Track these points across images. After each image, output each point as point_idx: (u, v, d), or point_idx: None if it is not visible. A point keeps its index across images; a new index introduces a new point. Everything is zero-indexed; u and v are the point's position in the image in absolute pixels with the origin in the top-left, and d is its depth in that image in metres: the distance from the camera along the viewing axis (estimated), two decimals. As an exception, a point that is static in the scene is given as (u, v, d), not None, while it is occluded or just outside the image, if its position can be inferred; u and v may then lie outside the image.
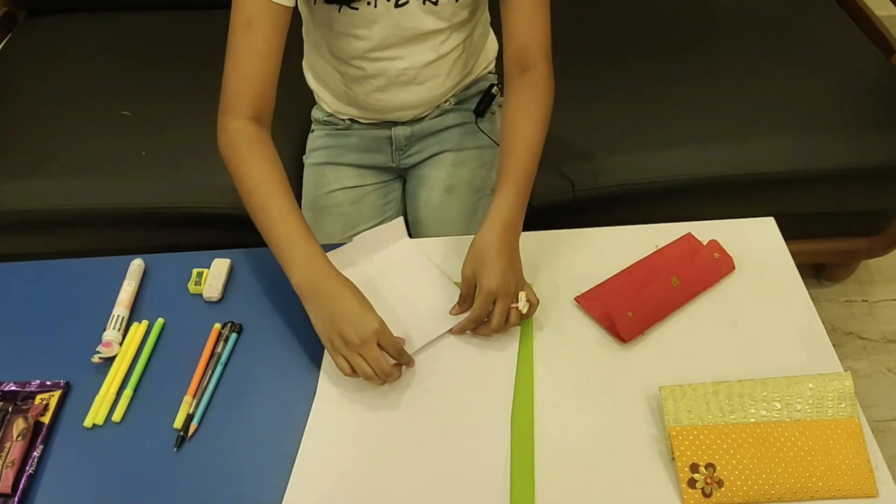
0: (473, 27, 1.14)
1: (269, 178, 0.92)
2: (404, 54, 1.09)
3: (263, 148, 0.94)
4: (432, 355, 0.90)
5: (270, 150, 0.95)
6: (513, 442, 0.81)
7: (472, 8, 1.09)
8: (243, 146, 0.94)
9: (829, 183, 1.46)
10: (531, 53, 1.00)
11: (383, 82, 1.13)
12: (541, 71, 1.00)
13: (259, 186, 0.91)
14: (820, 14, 1.74)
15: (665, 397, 0.81)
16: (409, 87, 1.14)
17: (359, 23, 1.04)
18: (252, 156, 0.93)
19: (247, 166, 0.93)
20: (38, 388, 0.87)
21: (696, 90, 1.53)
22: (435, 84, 1.16)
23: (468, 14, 1.09)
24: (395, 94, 1.15)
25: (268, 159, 0.93)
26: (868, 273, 1.88)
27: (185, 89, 1.56)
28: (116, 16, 1.79)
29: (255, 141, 0.94)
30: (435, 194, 1.22)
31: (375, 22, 1.03)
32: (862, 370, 1.68)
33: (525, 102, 0.99)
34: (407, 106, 1.19)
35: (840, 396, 0.80)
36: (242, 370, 0.90)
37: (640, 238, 1.02)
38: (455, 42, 1.12)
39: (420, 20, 1.05)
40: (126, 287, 0.97)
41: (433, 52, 1.10)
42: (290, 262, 0.89)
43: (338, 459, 0.81)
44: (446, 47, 1.11)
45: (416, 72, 1.12)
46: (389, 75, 1.11)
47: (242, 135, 0.94)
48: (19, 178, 1.41)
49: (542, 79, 1.00)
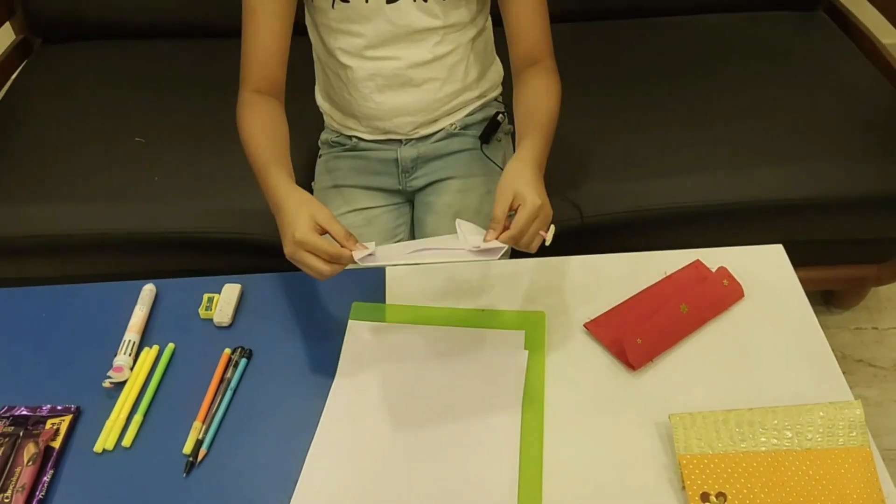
0: (474, 35, 1.18)
1: (255, 133, 1.00)
2: (400, 53, 1.13)
3: (260, 109, 1.04)
4: (440, 378, 0.90)
5: (268, 111, 1.04)
6: (521, 469, 0.81)
7: (467, 10, 1.13)
8: (243, 109, 1.04)
9: (837, 210, 1.46)
10: (538, 49, 1.10)
11: (380, 82, 1.16)
12: (549, 63, 1.10)
13: (248, 141, 1.00)
14: (826, 42, 1.75)
15: (675, 425, 0.81)
16: (405, 88, 1.17)
17: (352, 18, 1.09)
18: (248, 118, 1.03)
19: (242, 124, 1.03)
20: (49, 413, 0.88)
21: (704, 117, 1.54)
22: (432, 87, 1.19)
23: (463, 16, 1.13)
24: (391, 95, 1.18)
25: (258, 117, 1.03)
26: (878, 300, 1.87)
27: (197, 116, 1.58)
28: (131, 44, 1.82)
29: (253, 104, 1.04)
30: (443, 221, 1.23)
31: (369, 19, 1.09)
32: (872, 398, 1.67)
33: (542, 83, 1.07)
34: (405, 111, 1.21)
35: (851, 425, 0.80)
36: (252, 396, 0.90)
37: (648, 265, 1.02)
38: (451, 45, 1.15)
39: (412, 17, 1.09)
40: (137, 312, 0.98)
41: (429, 53, 1.14)
42: (264, 191, 0.95)
43: (341, 479, 0.81)
44: (442, 49, 1.14)
45: (411, 72, 1.15)
46: (385, 75, 1.15)
47: (246, 103, 1.05)
48: (33, 202, 1.43)
49: (552, 69, 1.10)
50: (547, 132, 1.01)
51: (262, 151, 0.97)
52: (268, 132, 1.01)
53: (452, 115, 1.26)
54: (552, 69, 1.10)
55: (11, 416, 0.88)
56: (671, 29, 1.81)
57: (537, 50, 1.10)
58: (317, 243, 0.82)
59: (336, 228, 0.85)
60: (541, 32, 1.10)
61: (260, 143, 0.99)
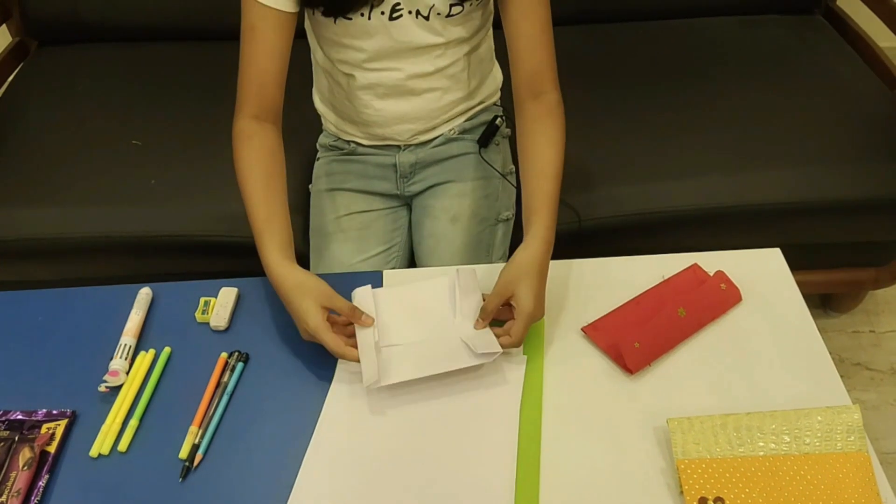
0: (475, 47, 1.17)
1: (252, 179, 0.99)
2: (401, 65, 1.12)
3: (257, 143, 1.02)
4: (438, 385, 0.90)
5: (264, 145, 1.02)
6: (518, 473, 0.81)
7: (469, 26, 1.11)
8: (238, 143, 1.02)
9: (834, 214, 1.47)
10: (541, 78, 1.04)
11: (381, 92, 1.15)
12: (552, 97, 1.04)
13: (244, 185, 1.00)
14: (824, 46, 1.76)
15: (673, 430, 0.81)
16: (406, 97, 1.17)
17: (355, 34, 1.08)
18: (244, 152, 1.01)
19: (240, 162, 1.01)
20: (45, 418, 0.87)
21: (701, 121, 1.54)
22: (433, 97, 1.18)
23: (464, 32, 1.12)
24: (391, 103, 1.17)
25: (255, 154, 1.01)
26: (875, 303, 1.87)
27: (194, 119, 1.58)
28: (127, 46, 1.81)
29: (252, 136, 1.02)
30: (439, 225, 1.22)
31: (371, 35, 1.07)
32: (870, 401, 1.67)
33: (544, 128, 1.04)
34: (405, 118, 1.20)
35: (849, 429, 0.80)
36: (249, 400, 0.90)
37: (646, 268, 1.02)
38: (453, 57, 1.14)
39: (414, 34, 1.08)
40: (133, 316, 0.98)
41: (430, 66, 1.13)
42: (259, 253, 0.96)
43: (337, 483, 0.81)
44: (444, 61, 1.13)
45: (412, 82, 1.14)
46: (386, 85, 1.14)
47: (242, 132, 1.02)
48: (29, 205, 1.43)
49: (555, 104, 1.04)
50: (553, 201, 0.98)
51: (259, 208, 0.97)
52: (264, 180, 0.99)
53: (451, 121, 1.25)
54: (557, 102, 1.04)
55: (7, 421, 0.87)
56: (668, 33, 1.81)
57: (539, 79, 1.04)
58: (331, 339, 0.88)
59: (340, 304, 0.91)
60: (543, 58, 1.04)
61: (257, 195, 0.98)
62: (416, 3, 1.05)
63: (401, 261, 1.26)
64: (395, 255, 1.26)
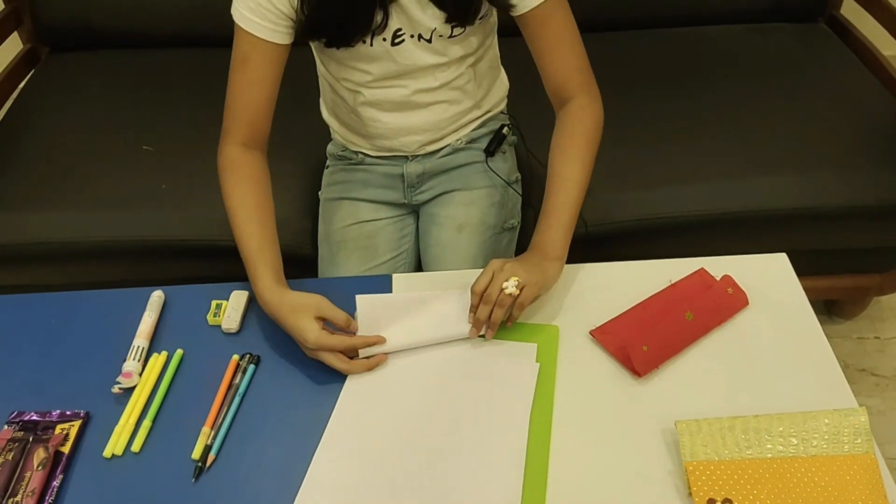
0: (478, 59, 1.18)
1: (240, 210, 1.00)
2: (406, 83, 1.13)
3: (246, 174, 1.03)
4: (449, 386, 0.91)
5: (252, 175, 1.03)
6: (526, 474, 0.81)
7: (471, 42, 1.12)
8: (227, 172, 1.03)
9: (840, 220, 1.47)
10: (565, 86, 1.07)
11: (387, 106, 1.17)
12: (575, 102, 1.07)
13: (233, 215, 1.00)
14: (828, 53, 1.77)
15: (681, 432, 0.81)
16: (413, 110, 1.18)
17: (359, 58, 1.10)
18: (234, 180, 1.02)
19: (227, 189, 1.02)
20: (59, 418, 0.88)
21: (708, 127, 1.55)
22: (439, 109, 1.19)
23: (468, 48, 1.13)
24: (398, 116, 1.18)
25: (244, 185, 1.02)
26: (880, 310, 1.87)
27: (204, 124, 1.57)
28: (138, 53, 1.83)
29: (241, 166, 1.03)
30: (446, 233, 1.23)
31: (375, 59, 1.09)
32: (875, 407, 1.67)
33: (563, 140, 1.07)
34: (412, 130, 1.21)
35: (856, 432, 0.80)
36: (260, 401, 0.91)
37: (653, 273, 1.03)
38: (458, 71, 1.15)
39: (417, 56, 1.09)
40: (146, 318, 0.99)
41: (435, 81, 1.14)
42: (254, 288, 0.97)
43: (346, 484, 0.82)
44: (449, 76, 1.15)
45: (418, 97, 1.15)
46: (393, 100, 1.15)
47: (231, 161, 1.03)
48: (42, 210, 1.44)
49: (576, 108, 1.07)
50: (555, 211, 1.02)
51: (251, 240, 0.98)
52: (255, 213, 1.00)
53: (458, 131, 1.26)
54: (582, 106, 1.07)
55: (21, 422, 0.88)
56: (673, 40, 1.82)
57: (563, 87, 1.07)
58: (332, 344, 0.91)
59: (333, 315, 0.93)
60: (561, 65, 1.07)
61: (249, 228, 0.99)
62: (418, 28, 1.06)
63: (408, 268, 1.27)
64: (402, 262, 1.27)
